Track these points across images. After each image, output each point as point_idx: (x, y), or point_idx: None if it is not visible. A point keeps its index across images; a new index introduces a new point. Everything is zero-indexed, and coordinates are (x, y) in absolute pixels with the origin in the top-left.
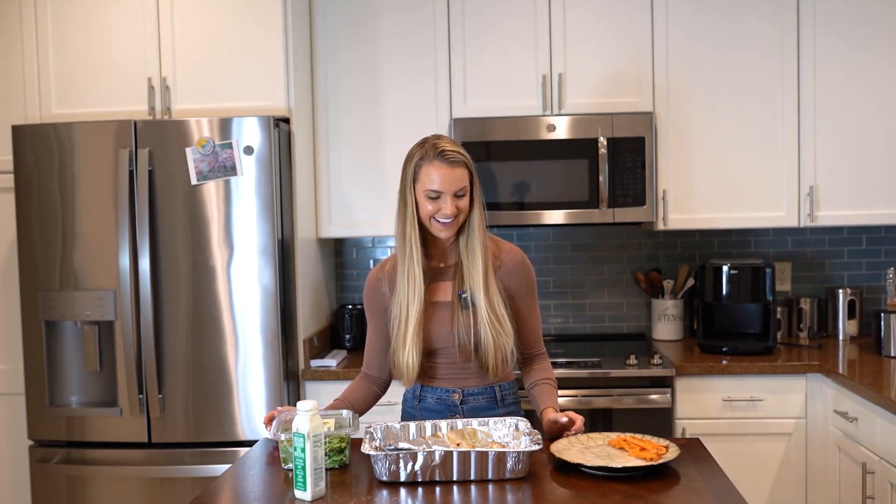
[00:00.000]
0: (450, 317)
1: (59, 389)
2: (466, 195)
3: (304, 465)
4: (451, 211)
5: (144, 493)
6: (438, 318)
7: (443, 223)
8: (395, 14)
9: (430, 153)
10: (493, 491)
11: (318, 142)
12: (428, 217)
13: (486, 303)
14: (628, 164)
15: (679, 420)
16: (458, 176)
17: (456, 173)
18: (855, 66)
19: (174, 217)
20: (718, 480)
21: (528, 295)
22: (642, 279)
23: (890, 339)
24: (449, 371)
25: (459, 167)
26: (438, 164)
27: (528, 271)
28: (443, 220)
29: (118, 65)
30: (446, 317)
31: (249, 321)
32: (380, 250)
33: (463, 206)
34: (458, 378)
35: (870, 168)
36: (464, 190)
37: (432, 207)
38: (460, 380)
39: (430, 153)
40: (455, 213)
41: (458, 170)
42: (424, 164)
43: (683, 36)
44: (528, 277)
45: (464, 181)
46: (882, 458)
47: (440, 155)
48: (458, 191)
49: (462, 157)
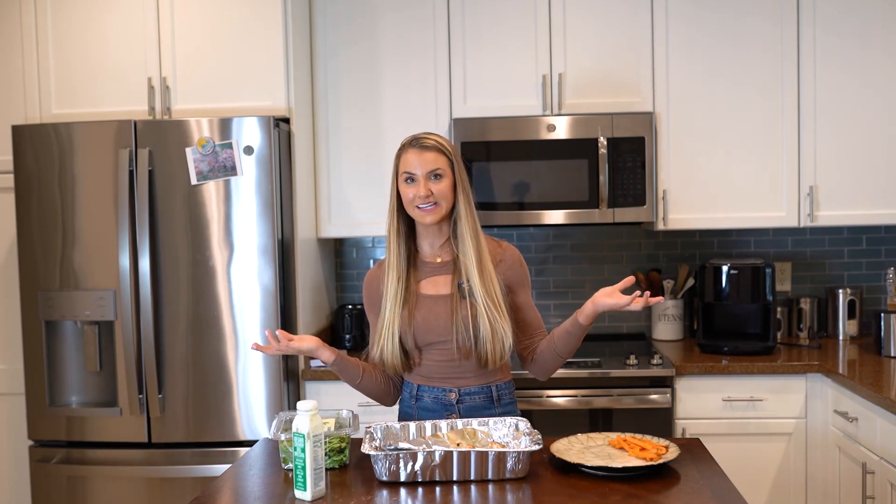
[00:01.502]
0: (449, 309)
1: (59, 389)
2: (444, 179)
3: (304, 465)
4: (423, 192)
5: (144, 493)
6: (435, 311)
7: (422, 208)
8: (395, 13)
9: (407, 143)
10: (493, 491)
11: (318, 142)
12: (409, 205)
13: (483, 289)
14: (628, 164)
15: (679, 420)
16: (430, 158)
17: (428, 156)
18: (855, 65)
19: (174, 217)
20: (718, 480)
21: (525, 288)
22: (642, 279)
23: (890, 339)
24: (446, 369)
25: (432, 151)
26: (411, 149)
27: (525, 267)
28: (421, 206)
29: (118, 65)
30: (444, 310)
31: (249, 321)
32: (380, 250)
33: (439, 189)
34: (454, 377)
35: (870, 168)
36: (438, 172)
37: (410, 193)
38: (457, 379)
39: (407, 143)
40: (428, 194)
41: (430, 153)
42: (402, 153)
43: (683, 35)
44: (525, 273)
45: (437, 163)
46: (882, 458)
47: (413, 141)
48: (430, 172)
49: (436, 143)
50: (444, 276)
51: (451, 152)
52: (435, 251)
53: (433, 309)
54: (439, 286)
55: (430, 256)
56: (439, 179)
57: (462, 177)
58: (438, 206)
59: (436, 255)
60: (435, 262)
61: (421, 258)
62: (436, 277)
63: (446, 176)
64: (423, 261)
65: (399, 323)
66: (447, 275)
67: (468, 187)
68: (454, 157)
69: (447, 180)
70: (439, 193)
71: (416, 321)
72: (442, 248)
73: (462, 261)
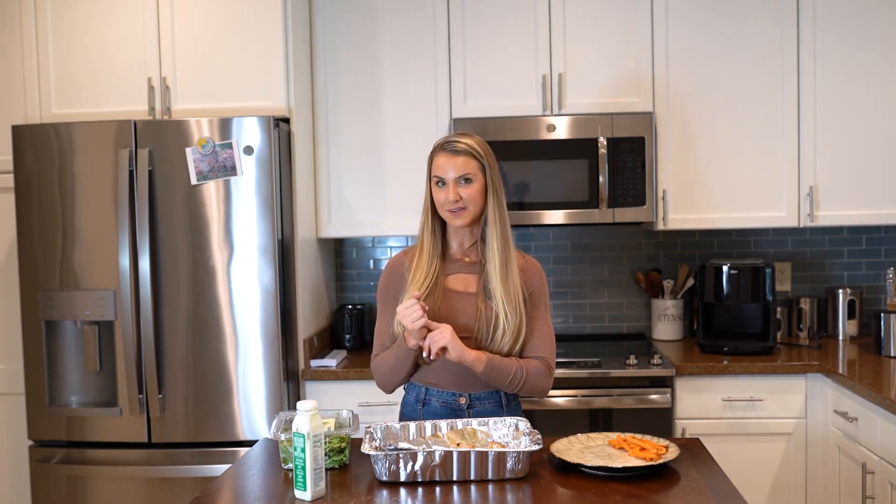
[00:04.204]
0: (474, 307)
1: (59, 389)
2: (474, 184)
3: (304, 465)
4: (451, 196)
5: (144, 493)
6: (459, 307)
7: (450, 211)
8: (395, 14)
9: (439, 145)
10: (493, 491)
11: (317, 142)
12: (440, 208)
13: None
14: (628, 164)
15: (679, 420)
16: (460, 163)
17: (457, 161)
18: (855, 65)
19: (174, 217)
20: (718, 480)
21: (543, 303)
22: (642, 279)
23: (890, 339)
24: (457, 373)
25: (462, 155)
26: (442, 153)
27: (545, 281)
28: (450, 209)
29: (118, 65)
30: (469, 307)
31: (249, 321)
32: (380, 250)
33: (468, 193)
34: (466, 381)
35: (870, 168)
36: (468, 177)
37: (441, 197)
38: (468, 383)
39: (439, 145)
40: (456, 199)
41: (459, 158)
42: (433, 156)
43: (683, 36)
44: (544, 288)
45: (466, 168)
46: (882, 458)
47: (444, 145)
48: (459, 177)
49: (467, 147)
50: (472, 276)
51: (482, 156)
52: (464, 251)
53: (457, 305)
54: (465, 283)
55: (460, 255)
56: (469, 184)
57: (494, 180)
58: (467, 211)
59: (465, 255)
60: (464, 261)
61: (450, 255)
62: (464, 275)
63: (476, 180)
64: (452, 257)
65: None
66: (473, 274)
67: (500, 191)
68: (486, 160)
69: (477, 185)
70: (468, 198)
71: (441, 313)
72: (471, 248)
73: (486, 265)
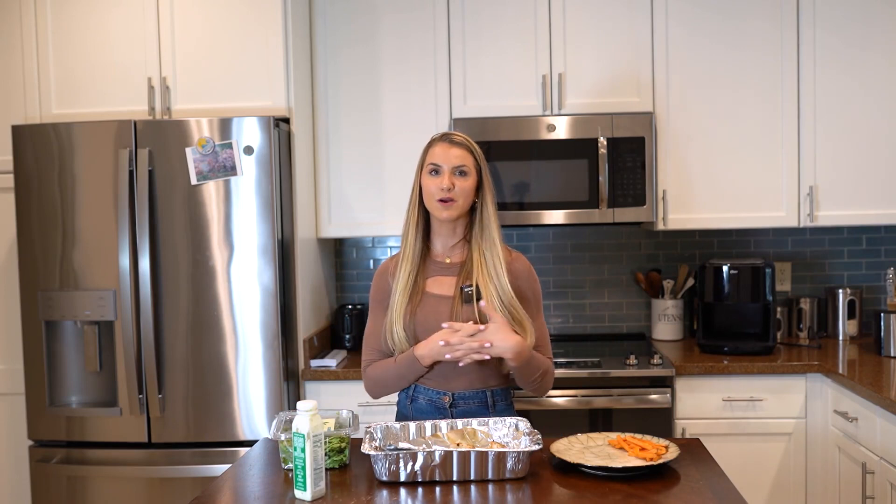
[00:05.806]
0: (449, 311)
1: (59, 389)
2: (469, 178)
3: (304, 465)
4: (446, 183)
5: (144, 493)
6: (436, 311)
7: (440, 201)
8: (395, 14)
9: (437, 137)
10: (493, 491)
11: (318, 142)
12: (429, 198)
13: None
14: (628, 164)
15: (679, 420)
16: (458, 154)
17: (456, 151)
18: (855, 65)
19: (174, 217)
20: (718, 480)
21: (534, 302)
22: (642, 279)
23: (890, 339)
24: (441, 371)
25: (461, 147)
26: (441, 142)
27: (535, 280)
28: (440, 198)
29: (118, 65)
30: (445, 310)
31: (249, 321)
32: (380, 250)
33: (461, 185)
34: (449, 379)
35: (870, 168)
36: (464, 169)
37: (433, 185)
38: (451, 381)
39: (437, 137)
40: (450, 187)
41: (458, 149)
42: (430, 146)
43: (683, 36)
44: (535, 286)
45: (463, 160)
46: (882, 458)
47: (443, 136)
48: (456, 167)
49: (465, 141)
50: (450, 278)
51: (478, 154)
52: (446, 251)
53: (435, 308)
54: (444, 286)
55: (441, 256)
56: (464, 177)
57: (487, 181)
58: (456, 203)
59: (445, 255)
60: (444, 263)
61: (431, 256)
62: (442, 277)
63: (471, 175)
64: (433, 259)
65: (403, 315)
66: (452, 276)
67: (491, 192)
68: (481, 160)
69: (471, 180)
70: (461, 190)
71: (417, 318)
72: (453, 248)
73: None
